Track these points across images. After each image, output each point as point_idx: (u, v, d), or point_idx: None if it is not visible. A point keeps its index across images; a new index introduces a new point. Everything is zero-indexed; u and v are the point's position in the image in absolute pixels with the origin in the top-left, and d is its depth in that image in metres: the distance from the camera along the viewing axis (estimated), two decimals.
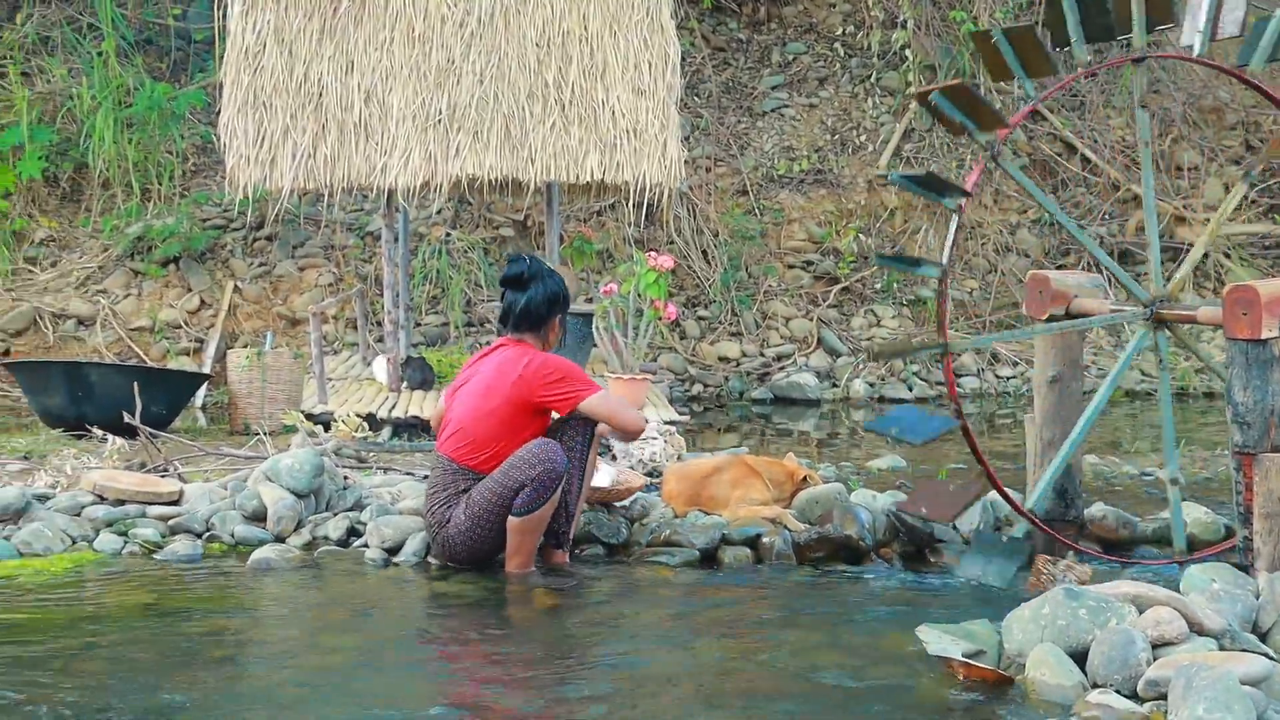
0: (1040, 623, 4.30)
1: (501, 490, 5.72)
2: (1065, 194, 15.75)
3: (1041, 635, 4.27)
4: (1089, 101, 16.50)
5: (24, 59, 14.74)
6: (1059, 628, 4.26)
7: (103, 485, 6.59)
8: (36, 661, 4.51)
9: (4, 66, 14.58)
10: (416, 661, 4.74)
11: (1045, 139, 16.12)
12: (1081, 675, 4.12)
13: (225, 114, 10.00)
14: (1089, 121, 16.30)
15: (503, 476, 5.74)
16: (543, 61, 9.99)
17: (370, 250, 13.96)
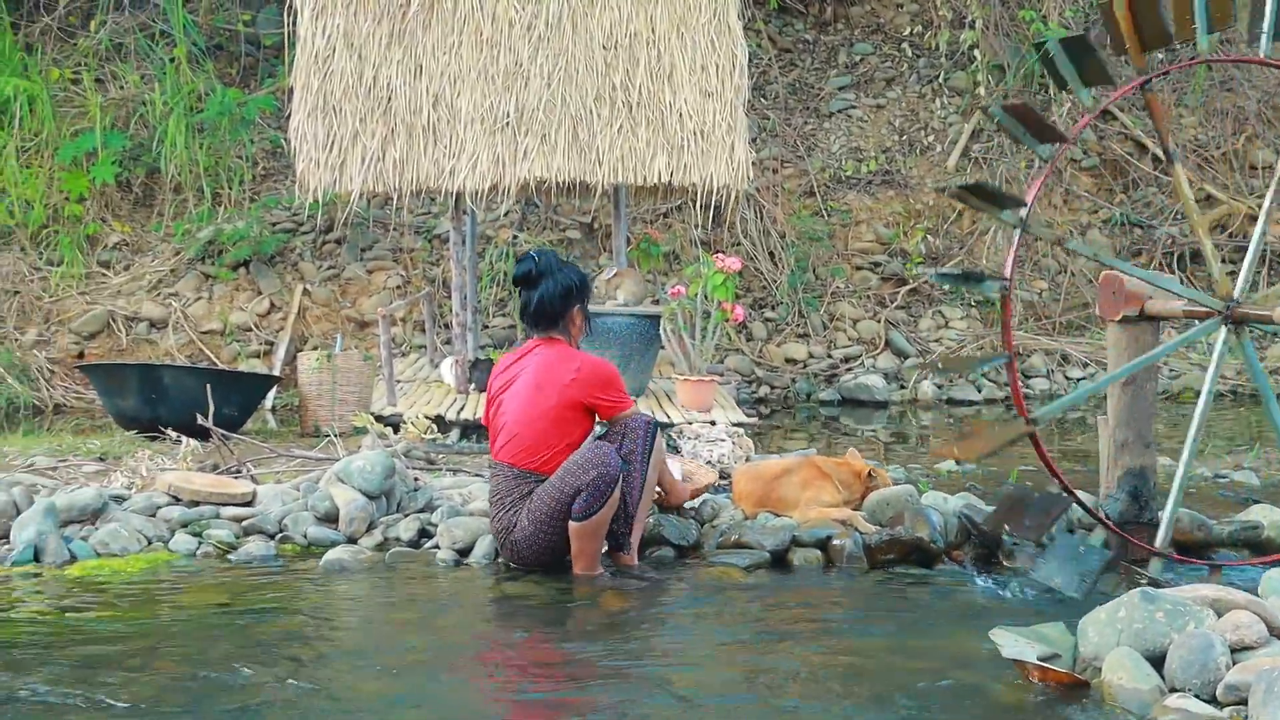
0: (1116, 626, 4.26)
1: (559, 495, 5.75)
2: (1136, 194, 15.61)
3: (1118, 639, 4.23)
4: (1160, 99, 16.31)
5: (98, 66, 14.91)
6: (1135, 631, 4.21)
7: (177, 486, 6.65)
8: (114, 660, 4.56)
9: (78, 73, 14.75)
10: (487, 663, 4.75)
11: (1116, 138, 15.98)
12: (1159, 679, 4.07)
13: (295, 118, 10.06)
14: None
15: (559, 481, 5.76)
16: (610, 64, 9.99)
17: (438, 253, 14.03)
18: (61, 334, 13.20)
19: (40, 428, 10.89)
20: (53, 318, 13.36)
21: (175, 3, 14.74)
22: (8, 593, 5.49)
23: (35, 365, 12.82)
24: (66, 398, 12.61)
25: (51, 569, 5.85)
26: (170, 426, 8.49)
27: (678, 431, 8.60)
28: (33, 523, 6.05)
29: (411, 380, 10.98)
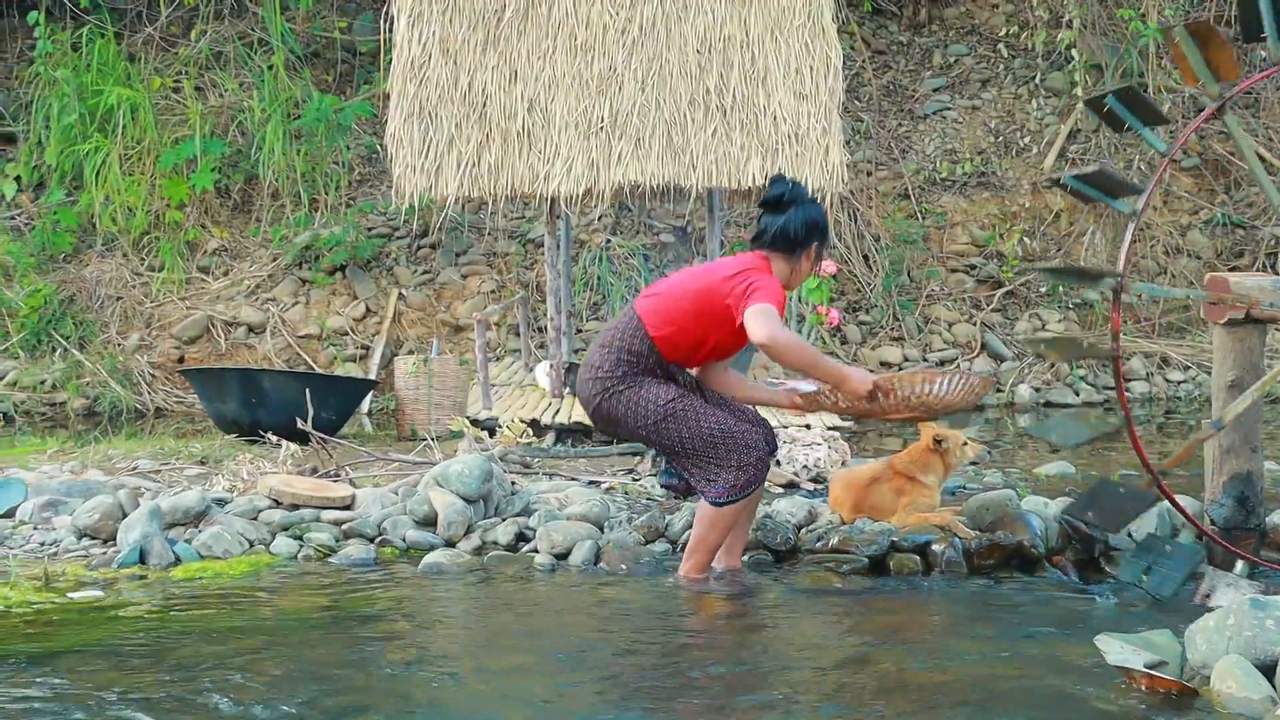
0: (1225, 634, 4.19)
1: (688, 437, 5.61)
2: (1239, 194, 15.37)
3: (1227, 646, 4.16)
4: (1264, 99, 16.07)
5: (198, 74, 15.13)
6: (1245, 639, 4.14)
7: (278, 490, 6.73)
8: (218, 662, 4.61)
9: (179, 82, 14.97)
10: (586, 667, 4.75)
11: (1217, 138, 15.74)
12: (1270, 689, 4.00)
13: (392, 124, 10.15)
14: (1264, 120, 15.88)
15: (707, 435, 5.61)
16: (704, 68, 9.99)
17: (531, 257, 14.08)
18: (162, 338, 13.40)
19: (142, 431, 11.06)
20: (154, 323, 13.57)
21: (274, 11, 14.92)
22: (115, 594, 5.57)
23: (137, 369, 13.02)
24: (167, 401, 12.80)
25: (157, 571, 5.93)
26: (270, 430, 8.60)
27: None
28: (138, 525, 6.15)
29: (506, 384, 11.03)
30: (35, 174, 14.68)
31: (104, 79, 14.44)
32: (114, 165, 13.99)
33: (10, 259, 13.57)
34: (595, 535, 6.29)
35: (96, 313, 13.58)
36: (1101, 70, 15.64)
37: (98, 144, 14.07)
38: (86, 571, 5.91)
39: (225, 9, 15.61)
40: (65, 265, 14.01)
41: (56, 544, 6.30)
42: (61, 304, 13.43)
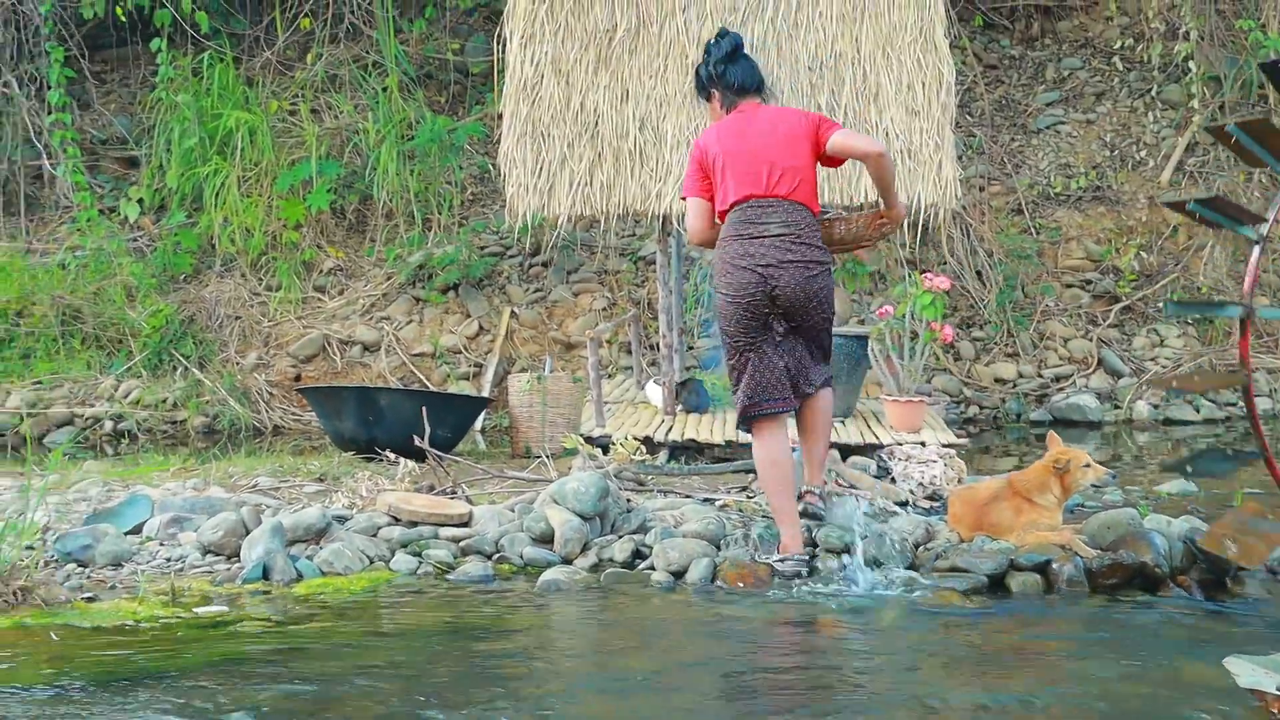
0: None
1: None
2: None
3: None
4: None
5: (314, 97, 15.35)
6: None
7: (397, 507, 6.80)
8: (341, 677, 4.68)
9: (296, 105, 15.20)
10: (705, 684, 4.76)
11: None
12: None
13: (505, 144, 10.22)
14: None
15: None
16: (815, 85, 9.96)
17: (642, 275, 14.13)
18: (280, 357, 13.59)
19: (260, 448, 11.21)
20: (271, 341, 13.77)
21: (388, 34, 15.12)
22: (239, 609, 5.67)
23: (255, 388, 13.22)
24: (284, 419, 12.98)
25: (279, 586, 6.02)
26: (386, 448, 8.68)
27: (888, 452, 8.54)
28: (261, 542, 6.25)
29: (618, 401, 11.06)
30: (157, 197, 14.97)
31: (223, 103, 14.70)
32: (232, 187, 14.22)
33: (133, 280, 13.84)
34: (711, 553, 6.30)
35: (216, 332, 13.81)
36: (1220, 82, 15.40)
37: (217, 166, 14.32)
38: (211, 587, 6.02)
39: (341, 33, 15.84)
40: (185, 286, 14.26)
41: (182, 560, 6.42)
42: (182, 324, 13.67)
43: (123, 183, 15.52)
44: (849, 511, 6.53)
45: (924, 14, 10.02)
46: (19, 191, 15.53)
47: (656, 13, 10.13)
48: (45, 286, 13.70)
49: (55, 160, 15.25)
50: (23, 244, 14.87)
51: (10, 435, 12.16)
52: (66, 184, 15.13)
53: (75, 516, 7.25)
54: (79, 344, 13.51)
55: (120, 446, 11.99)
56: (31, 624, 5.37)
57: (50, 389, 12.95)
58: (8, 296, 13.65)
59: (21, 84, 15.68)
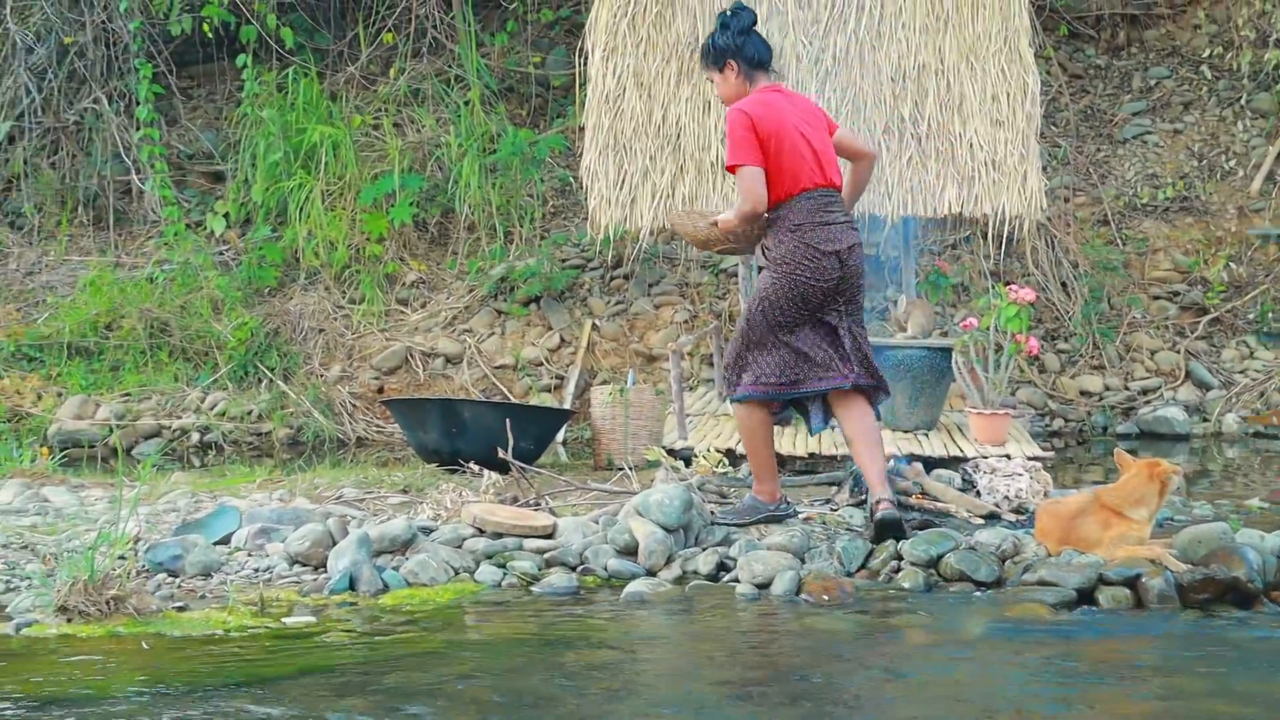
0: None
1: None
2: None
3: None
4: None
5: (396, 111, 15.47)
6: None
7: (481, 518, 6.83)
8: (428, 688, 4.69)
9: (379, 119, 15.33)
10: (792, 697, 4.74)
11: None
12: None
13: (587, 157, 10.26)
14: None
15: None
16: (898, 96, 9.94)
17: (724, 287, 14.11)
18: (363, 369, 13.69)
19: (344, 460, 11.30)
20: (355, 354, 13.88)
21: (470, 48, 15.22)
22: (326, 619, 5.70)
23: (339, 400, 13.32)
24: (368, 431, 13.07)
25: (366, 597, 6.06)
26: (470, 460, 8.72)
27: (973, 465, 8.47)
28: (348, 553, 6.29)
29: (700, 414, 11.05)
30: (242, 211, 15.14)
31: (307, 117, 14.85)
32: (316, 201, 14.36)
33: (219, 293, 14.00)
34: (796, 566, 6.28)
35: (300, 345, 13.93)
36: None
37: (301, 181, 14.46)
38: (299, 597, 6.07)
39: (423, 47, 15.96)
40: (270, 299, 14.41)
41: (270, 570, 6.47)
42: (267, 336, 13.81)
43: (209, 197, 15.71)
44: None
45: (1008, 24, 9.97)
46: (108, 206, 15.76)
47: None
48: (134, 300, 13.89)
49: (143, 175, 15.46)
50: (112, 258, 15.09)
51: (100, 447, 12.32)
52: (154, 199, 15.33)
53: (165, 527, 7.33)
54: (166, 356, 13.67)
55: (207, 458, 12.12)
56: (124, 633, 5.43)
57: (139, 401, 13.12)
58: (98, 310, 13.85)
59: (111, 100, 15.92)
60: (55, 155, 16.13)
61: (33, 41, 16.10)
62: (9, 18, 15.84)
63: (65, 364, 13.60)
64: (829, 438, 9.70)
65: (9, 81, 16.23)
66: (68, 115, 16.18)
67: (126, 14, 15.40)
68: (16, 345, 13.72)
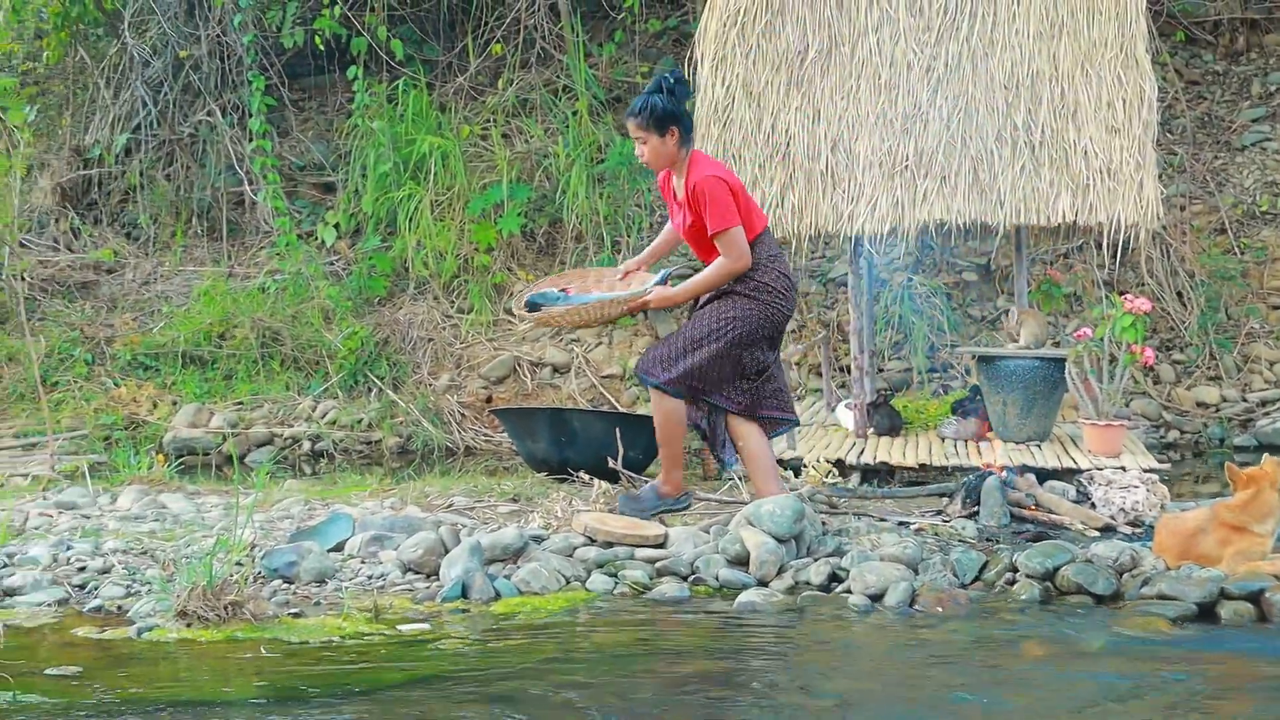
0: None
1: None
2: None
3: None
4: None
5: (505, 121, 15.55)
6: None
7: (593, 527, 6.84)
8: (540, 694, 4.71)
9: (487, 129, 15.42)
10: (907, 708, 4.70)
11: None
12: None
13: None
14: None
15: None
16: (1011, 104, 9.81)
17: (832, 296, 14.05)
18: (471, 378, 13.77)
19: (453, 469, 11.37)
20: (463, 363, 13.96)
21: (578, 59, 15.27)
22: (439, 626, 5.74)
23: (447, 409, 13.40)
24: (476, 440, 13.13)
25: (478, 605, 6.08)
26: (579, 469, 8.73)
27: (1087, 477, 8.36)
28: (460, 561, 6.32)
29: (808, 424, 11.00)
30: (352, 221, 15.29)
31: (417, 128, 14.97)
32: (425, 211, 14.47)
33: (330, 303, 14.15)
34: (909, 577, 6.22)
35: (409, 354, 14.04)
36: None
37: (410, 191, 14.58)
38: (412, 605, 6.10)
39: (531, 58, 16.03)
40: (380, 308, 14.53)
41: (383, 577, 6.52)
42: (376, 346, 13.92)
43: (320, 208, 15.88)
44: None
45: (1125, 29, 9.82)
46: (222, 217, 15.99)
47: (849, 33, 10.08)
48: (246, 309, 14.07)
49: (256, 187, 15.67)
50: (225, 268, 15.30)
51: (214, 454, 12.49)
52: (267, 209, 15.53)
53: (279, 534, 7.41)
54: (278, 365, 13.84)
55: (318, 466, 12.25)
56: (241, 638, 5.50)
57: (251, 409, 13.28)
58: (211, 319, 14.05)
59: (225, 113, 16.16)
60: (170, 167, 16.39)
61: (149, 55, 16.38)
62: (127, 32, 16.12)
63: (180, 372, 13.81)
64: (940, 448, 9.63)
65: (126, 95, 16.53)
66: (183, 128, 16.44)
67: (240, 27, 15.62)
68: (133, 354, 13.95)
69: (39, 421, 12.69)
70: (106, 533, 7.54)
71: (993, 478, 7.72)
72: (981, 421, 9.95)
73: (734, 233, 7.13)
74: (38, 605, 6.15)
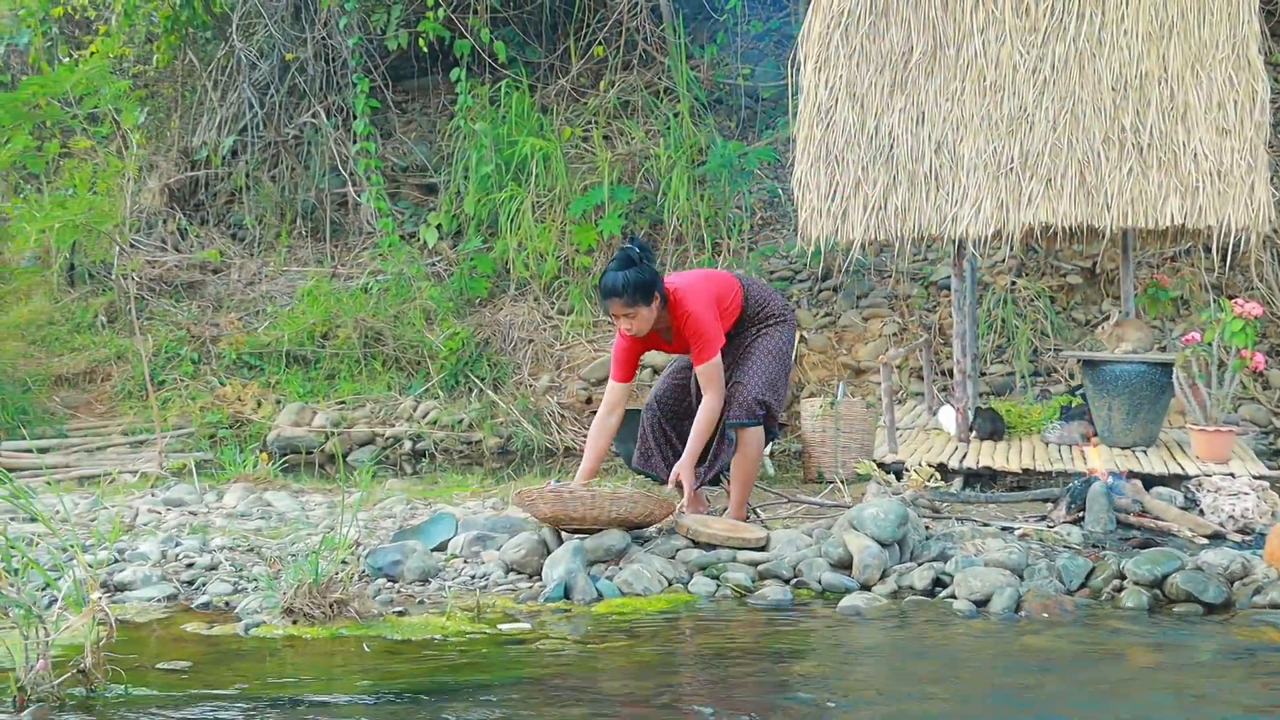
0: None
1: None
2: None
3: None
4: None
5: (606, 123, 15.59)
6: None
7: (695, 530, 6.83)
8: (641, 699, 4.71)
9: (589, 131, 15.47)
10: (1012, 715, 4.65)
11: None
12: None
13: (798, 169, 10.19)
14: None
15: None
16: (1119, 105, 9.69)
17: (934, 300, 13.94)
18: (571, 379, 13.81)
19: (553, 469, 11.41)
20: (563, 364, 14.01)
21: (679, 61, 15.27)
22: (540, 626, 5.76)
23: (547, 410, 13.46)
24: (575, 441, 13.17)
25: (580, 605, 6.10)
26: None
27: (1196, 484, 8.23)
28: (563, 561, 6.34)
29: (910, 427, 10.93)
30: (454, 222, 15.40)
31: (519, 130, 15.05)
32: (527, 213, 14.54)
33: (431, 303, 14.25)
34: (1015, 582, 6.16)
35: (509, 355, 14.11)
36: None
37: (512, 193, 14.66)
38: (514, 604, 6.13)
39: (633, 60, 16.05)
40: (480, 309, 14.62)
41: (486, 577, 6.56)
42: (477, 346, 14.01)
43: (422, 209, 16.01)
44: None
45: (1237, 30, 9.66)
46: (325, 218, 16.16)
47: (954, 34, 10.00)
48: (349, 310, 14.22)
49: (359, 188, 15.82)
50: (328, 269, 15.46)
51: (316, 453, 12.62)
52: (370, 210, 15.68)
53: (382, 533, 7.48)
54: (380, 365, 13.96)
55: (419, 466, 12.34)
56: (346, 635, 5.55)
57: (353, 409, 13.41)
58: (315, 319, 14.20)
59: (329, 115, 16.33)
60: (275, 169, 16.60)
61: (256, 58, 16.60)
62: (234, 35, 16.34)
63: (283, 372, 13.97)
64: (1044, 451, 9.53)
65: (233, 97, 16.76)
66: (288, 129, 16.64)
67: (345, 30, 15.79)
68: (238, 353, 14.13)
69: (147, 420, 12.89)
70: (213, 530, 7.66)
71: (1099, 483, 7.62)
72: (1086, 426, 9.84)
73: (717, 362, 7.31)
74: (148, 600, 6.25)
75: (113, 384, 14.03)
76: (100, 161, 16.02)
